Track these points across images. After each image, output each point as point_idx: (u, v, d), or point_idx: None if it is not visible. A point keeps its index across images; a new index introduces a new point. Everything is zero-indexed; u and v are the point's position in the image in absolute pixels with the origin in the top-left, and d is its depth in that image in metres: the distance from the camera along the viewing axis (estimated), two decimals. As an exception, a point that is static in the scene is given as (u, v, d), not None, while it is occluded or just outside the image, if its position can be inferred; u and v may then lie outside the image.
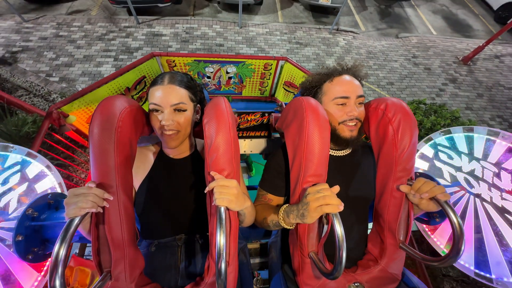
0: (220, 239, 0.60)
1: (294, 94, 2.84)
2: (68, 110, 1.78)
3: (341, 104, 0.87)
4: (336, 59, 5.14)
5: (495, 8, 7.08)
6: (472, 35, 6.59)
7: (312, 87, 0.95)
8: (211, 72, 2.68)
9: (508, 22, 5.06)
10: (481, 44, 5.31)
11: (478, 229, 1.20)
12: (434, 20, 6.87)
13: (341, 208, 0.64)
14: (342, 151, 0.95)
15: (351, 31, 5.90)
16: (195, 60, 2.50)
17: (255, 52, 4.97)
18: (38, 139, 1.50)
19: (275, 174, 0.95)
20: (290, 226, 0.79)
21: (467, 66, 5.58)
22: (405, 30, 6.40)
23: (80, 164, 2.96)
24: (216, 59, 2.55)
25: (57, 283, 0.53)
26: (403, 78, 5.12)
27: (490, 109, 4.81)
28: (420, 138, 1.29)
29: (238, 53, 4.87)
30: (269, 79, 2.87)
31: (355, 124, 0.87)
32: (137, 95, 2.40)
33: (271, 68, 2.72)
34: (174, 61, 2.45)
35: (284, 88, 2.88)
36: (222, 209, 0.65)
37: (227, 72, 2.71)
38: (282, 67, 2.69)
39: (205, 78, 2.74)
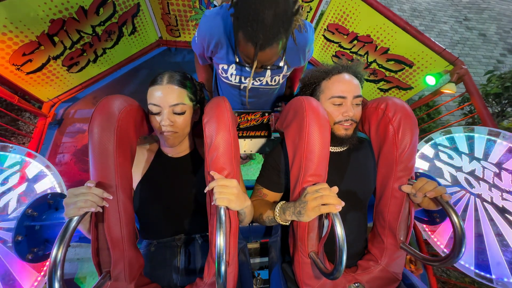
0: (220, 239, 0.60)
1: (338, 45, 1.92)
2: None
3: (338, 104, 0.87)
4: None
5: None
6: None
7: (311, 84, 0.95)
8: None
9: None
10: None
11: (478, 229, 1.20)
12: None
13: (339, 208, 0.64)
14: (339, 147, 0.95)
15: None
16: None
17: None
18: None
19: (271, 170, 0.96)
20: (285, 222, 0.80)
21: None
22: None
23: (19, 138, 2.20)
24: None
25: (56, 284, 0.53)
26: (454, 44, 4.37)
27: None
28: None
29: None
30: (306, 18, 1.90)
31: (350, 124, 0.87)
32: (103, 27, 1.55)
33: (311, 0, 1.73)
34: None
35: (325, 37, 2.00)
36: (222, 209, 0.65)
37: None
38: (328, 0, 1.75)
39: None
